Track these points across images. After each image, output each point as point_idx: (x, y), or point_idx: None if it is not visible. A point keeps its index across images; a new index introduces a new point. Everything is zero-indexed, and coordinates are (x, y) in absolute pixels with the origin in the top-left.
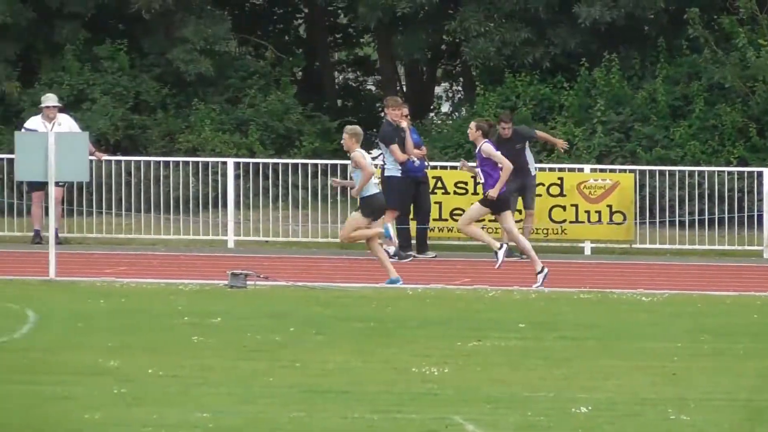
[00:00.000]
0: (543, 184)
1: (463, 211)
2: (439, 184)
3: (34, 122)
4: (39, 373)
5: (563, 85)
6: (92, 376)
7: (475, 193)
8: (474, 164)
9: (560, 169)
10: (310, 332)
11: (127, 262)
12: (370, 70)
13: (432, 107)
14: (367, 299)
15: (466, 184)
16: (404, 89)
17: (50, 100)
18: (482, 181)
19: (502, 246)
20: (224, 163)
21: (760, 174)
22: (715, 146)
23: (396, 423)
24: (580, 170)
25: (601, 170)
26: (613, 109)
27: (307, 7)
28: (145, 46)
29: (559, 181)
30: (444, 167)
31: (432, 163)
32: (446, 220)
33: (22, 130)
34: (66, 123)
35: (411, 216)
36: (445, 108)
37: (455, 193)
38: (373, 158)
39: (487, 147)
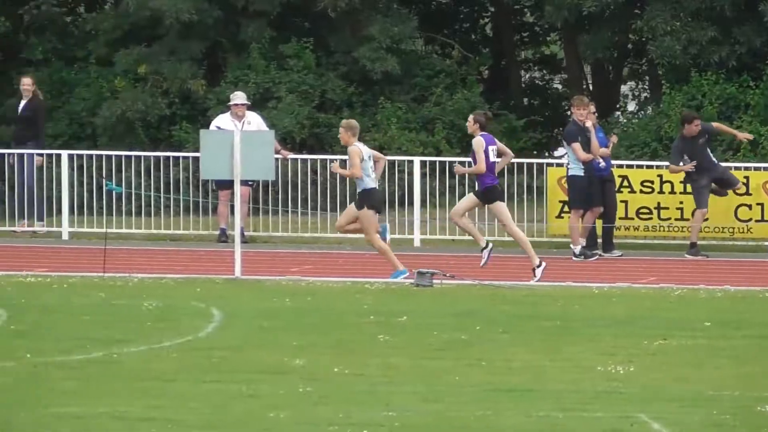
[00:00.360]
0: None
1: (649, 210)
2: (625, 183)
3: (223, 120)
4: (224, 372)
5: (749, 84)
6: (278, 374)
7: (661, 191)
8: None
9: (746, 168)
10: (496, 331)
11: (313, 260)
12: (556, 69)
13: (618, 106)
14: (553, 298)
15: (652, 182)
16: (590, 88)
17: (239, 98)
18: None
19: (488, 244)
20: (410, 161)
21: None
22: None
23: (581, 421)
24: (766, 169)
25: None
26: None
27: (494, 5)
28: (331, 44)
29: (745, 180)
30: (630, 166)
31: (618, 162)
32: (632, 218)
33: (212, 127)
34: (255, 121)
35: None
36: (631, 107)
37: (641, 191)
38: (559, 156)
39: (476, 141)
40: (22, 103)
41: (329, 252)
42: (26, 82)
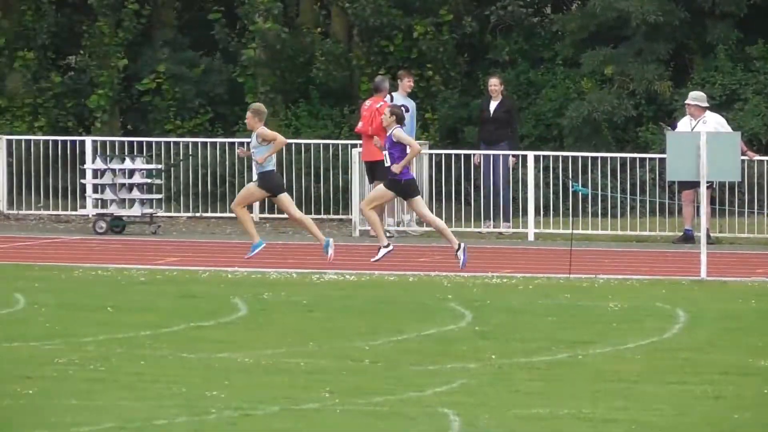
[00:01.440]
0: None
1: None
2: None
3: (683, 121)
4: (688, 373)
5: None
6: (742, 375)
7: None
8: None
9: None
10: None
11: None
12: None
13: None
14: None
15: None
16: None
17: (689, 98)
18: (388, 164)
19: (389, 245)
20: None
21: None
22: None
23: None
24: None
25: None
26: None
27: None
28: None
29: None
30: None
31: None
32: None
33: (674, 129)
34: (711, 121)
35: None
36: None
37: None
38: None
39: (398, 132)
40: (494, 103)
41: None
42: (494, 83)
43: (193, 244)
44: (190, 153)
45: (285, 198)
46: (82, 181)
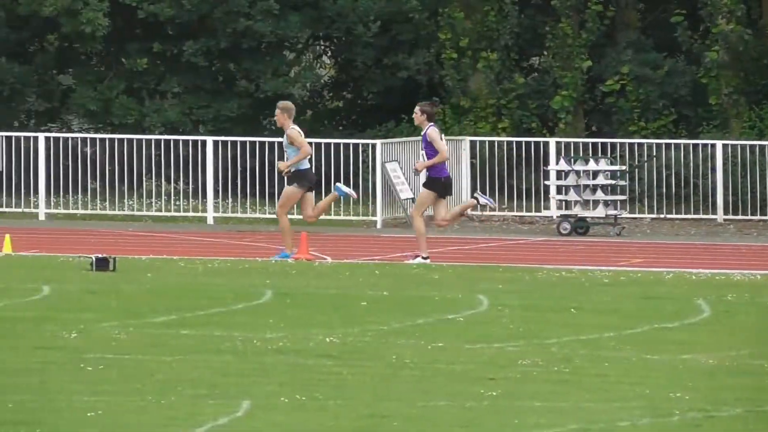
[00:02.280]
0: None
1: None
2: None
3: None
4: None
5: None
6: None
7: None
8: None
9: None
10: None
11: None
12: None
13: None
14: None
15: None
16: None
17: None
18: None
19: (427, 257)
20: None
21: None
22: None
23: None
24: None
25: None
26: None
27: None
28: None
29: None
30: None
31: None
32: None
33: None
34: None
35: None
36: None
37: None
38: None
39: (432, 131)
40: None
41: None
42: None
43: (658, 246)
44: (654, 154)
45: (310, 197)
46: (546, 182)
